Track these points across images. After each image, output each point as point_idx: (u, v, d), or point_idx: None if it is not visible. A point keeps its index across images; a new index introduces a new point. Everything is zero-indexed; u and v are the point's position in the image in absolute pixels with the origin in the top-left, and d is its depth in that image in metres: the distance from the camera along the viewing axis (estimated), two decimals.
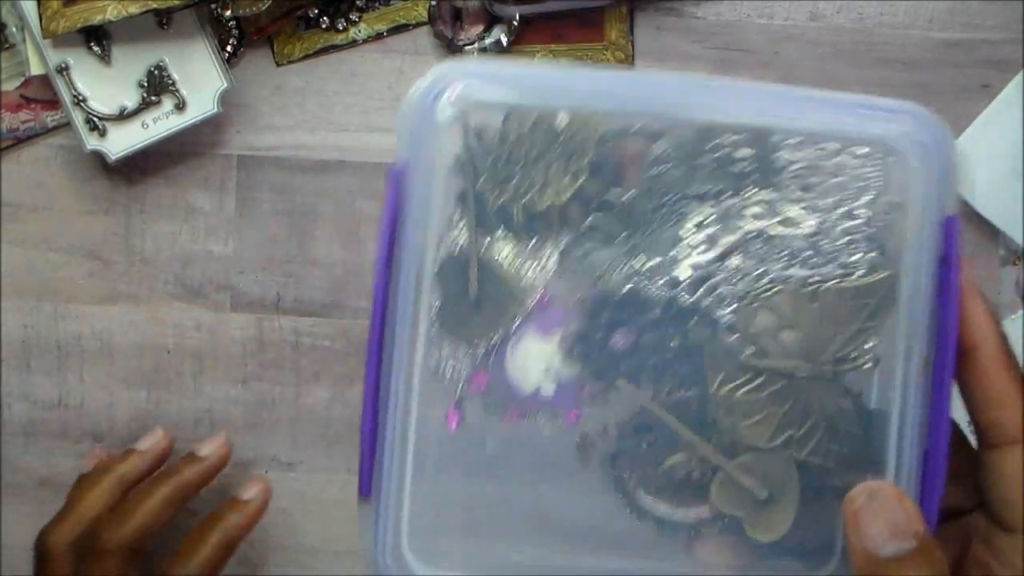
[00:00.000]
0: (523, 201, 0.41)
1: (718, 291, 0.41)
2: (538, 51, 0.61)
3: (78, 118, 0.59)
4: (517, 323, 0.41)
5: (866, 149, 0.41)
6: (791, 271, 0.41)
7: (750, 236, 0.41)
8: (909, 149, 0.41)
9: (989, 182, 0.61)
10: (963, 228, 0.62)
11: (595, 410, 0.42)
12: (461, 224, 0.41)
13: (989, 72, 0.61)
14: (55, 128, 0.61)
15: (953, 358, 0.39)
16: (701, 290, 0.41)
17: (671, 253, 0.41)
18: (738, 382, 0.41)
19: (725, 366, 0.41)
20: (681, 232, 0.41)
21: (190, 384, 0.62)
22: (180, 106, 0.59)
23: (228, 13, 0.59)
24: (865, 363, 0.41)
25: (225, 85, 0.59)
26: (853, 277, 0.41)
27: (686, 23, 0.61)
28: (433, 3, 0.61)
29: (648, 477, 0.42)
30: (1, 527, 0.62)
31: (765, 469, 0.41)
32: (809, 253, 0.41)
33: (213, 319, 0.62)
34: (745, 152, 0.41)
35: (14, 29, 0.59)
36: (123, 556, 0.55)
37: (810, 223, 0.41)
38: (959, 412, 0.39)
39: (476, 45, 0.60)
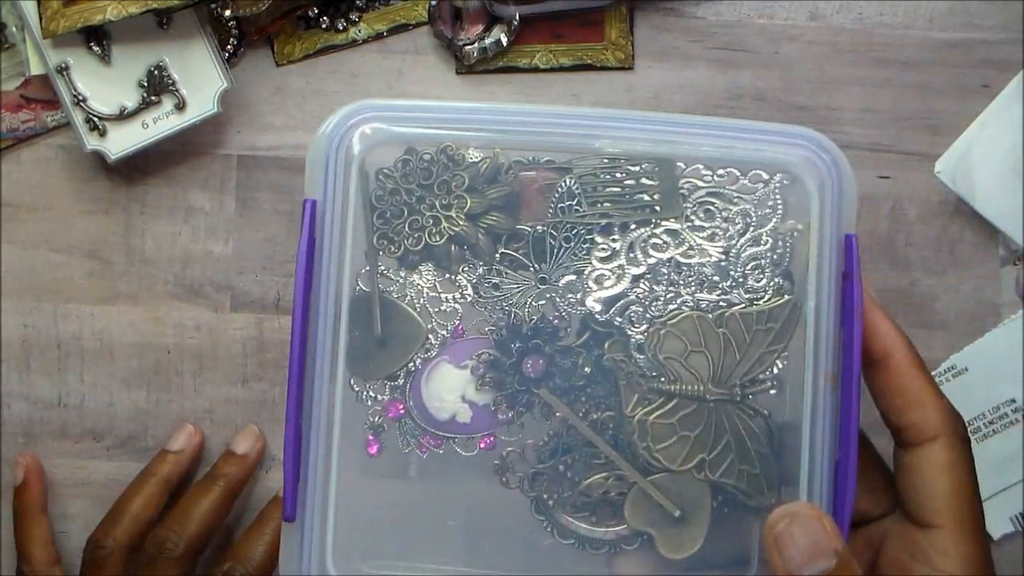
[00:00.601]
0: (432, 234, 0.43)
1: (629, 317, 0.43)
2: (538, 51, 0.61)
3: (78, 118, 0.59)
4: (430, 353, 0.43)
5: (764, 175, 0.43)
6: (700, 296, 0.43)
7: (658, 264, 0.43)
8: (805, 173, 0.42)
9: (989, 182, 0.61)
10: (963, 228, 0.62)
11: (511, 435, 0.43)
12: (367, 265, 0.42)
13: (989, 72, 0.61)
14: (55, 128, 0.61)
15: (859, 370, 0.40)
16: (612, 316, 0.43)
17: (581, 282, 0.43)
18: (651, 406, 0.43)
19: (638, 390, 0.43)
20: (591, 261, 0.43)
21: (190, 384, 0.62)
22: (180, 106, 0.59)
23: (228, 13, 0.59)
24: (770, 387, 0.43)
25: (225, 85, 0.59)
26: (760, 302, 0.43)
27: (686, 23, 0.61)
28: (433, 3, 0.61)
29: (567, 497, 0.43)
30: (1, 527, 0.62)
31: (679, 488, 0.43)
32: (716, 279, 0.43)
33: (213, 319, 0.62)
34: (649, 182, 0.43)
35: (14, 29, 0.59)
36: (187, 559, 0.56)
37: (717, 250, 0.43)
38: None
39: (476, 45, 0.60)
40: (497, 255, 0.43)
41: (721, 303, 0.43)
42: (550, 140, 0.42)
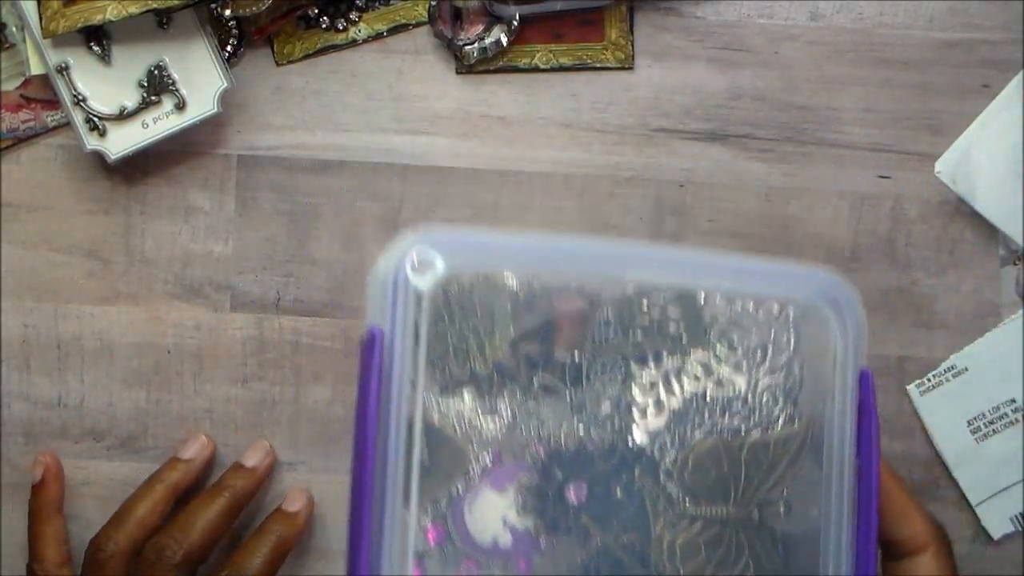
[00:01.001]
0: (473, 361, 0.44)
1: (658, 443, 0.44)
2: (538, 51, 0.61)
3: (78, 118, 0.59)
4: (472, 478, 0.44)
5: (779, 308, 0.45)
6: (723, 423, 0.44)
7: (686, 394, 0.45)
8: (818, 309, 0.44)
9: (989, 182, 0.61)
10: (963, 228, 0.62)
11: (549, 558, 0.44)
12: (417, 388, 0.42)
13: (989, 72, 0.61)
14: (55, 128, 0.61)
15: (876, 500, 0.42)
16: (643, 442, 0.44)
17: (615, 409, 0.44)
18: (678, 528, 0.44)
19: (665, 512, 0.44)
20: (624, 389, 0.44)
21: (190, 384, 0.62)
22: (180, 106, 0.59)
23: (228, 13, 0.59)
24: (785, 510, 0.44)
25: (225, 85, 0.59)
26: (777, 429, 0.44)
27: (686, 23, 0.61)
28: (433, 3, 0.61)
29: None
30: (1, 527, 0.62)
31: None
32: (738, 406, 0.44)
33: (213, 319, 0.62)
34: (675, 312, 0.44)
35: (14, 29, 0.59)
36: (185, 567, 0.56)
37: (739, 380, 0.45)
38: None
39: (476, 45, 0.60)
40: (535, 381, 0.44)
41: (741, 429, 0.44)
42: (583, 270, 0.44)
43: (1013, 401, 0.62)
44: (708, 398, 0.44)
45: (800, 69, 0.61)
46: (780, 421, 0.45)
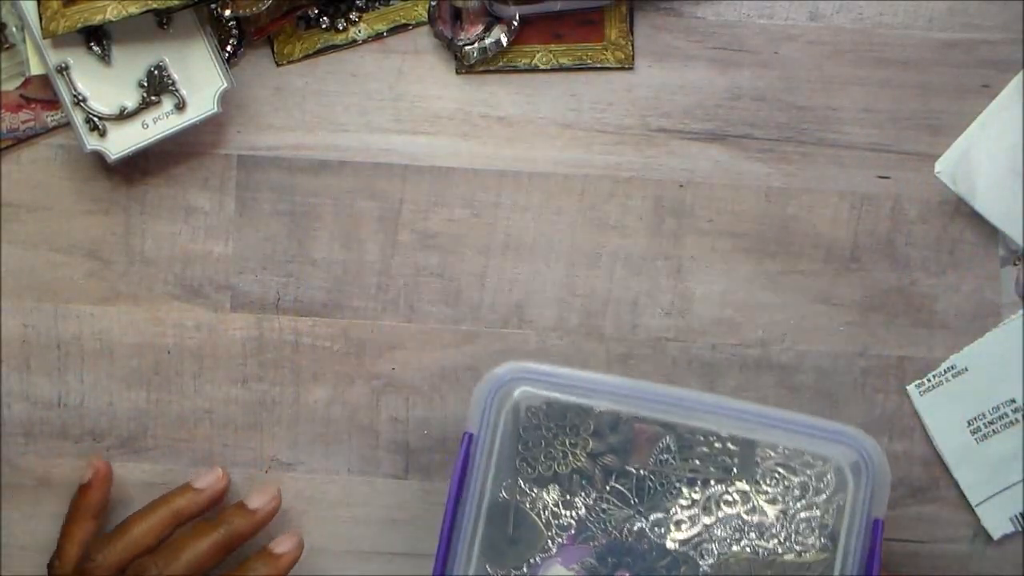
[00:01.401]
0: (560, 464, 0.56)
1: (700, 551, 0.55)
2: (538, 51, 0.61)
3: (78, 118, 0.59)
4: (548, 553, 0.55)
5: (821, 458, 0.55)
6: (757, 543, 0.55)
7: (727, 516, 0.55)
8: (850, 464, 0.54)
9: (989, 182, 0.61)
10: (963, 228, 0.63)
11: None
12: (509, 479, 0.55)
13: (989, 72, 0.61)
14: (55, 128, 0.61)
15: None
16: (688, 548, 0.55)
17: (667, 519, 0.55)
18: None
19: None
20: (676, 504, 0.55)
21: (190, 384, 0.62)
22: (180, 106, 0.59)
23: (228, 13, 0.59)
24: None
25: (225, 85, 0.59)
26: (803, 555, 0.55)
27: (686, 23, 0.61)
28: (433, 3, 0.61)
29: None
30: (1, 527, 0.62)
31: None
32: (773, 531, 0.55)
33: (213, 319, 0.62)
34: (732, 449, 0.56)
35: (14, 29, 0.59)
36: None
37: (775, 510, 0.55)
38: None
39: (476, 45, 0.60)
40: (607, 487, 0.56)
41: (774, 551, 0.55)
42: (659, 410, 0.55)
43: (1013, 401, 0.62)
44: (747, 520, 0.55)
45: (800, 69, 0.61)
46: (809, 549, 0.55)
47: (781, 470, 0.56)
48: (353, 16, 0.61)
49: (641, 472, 0.56)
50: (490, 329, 0.62)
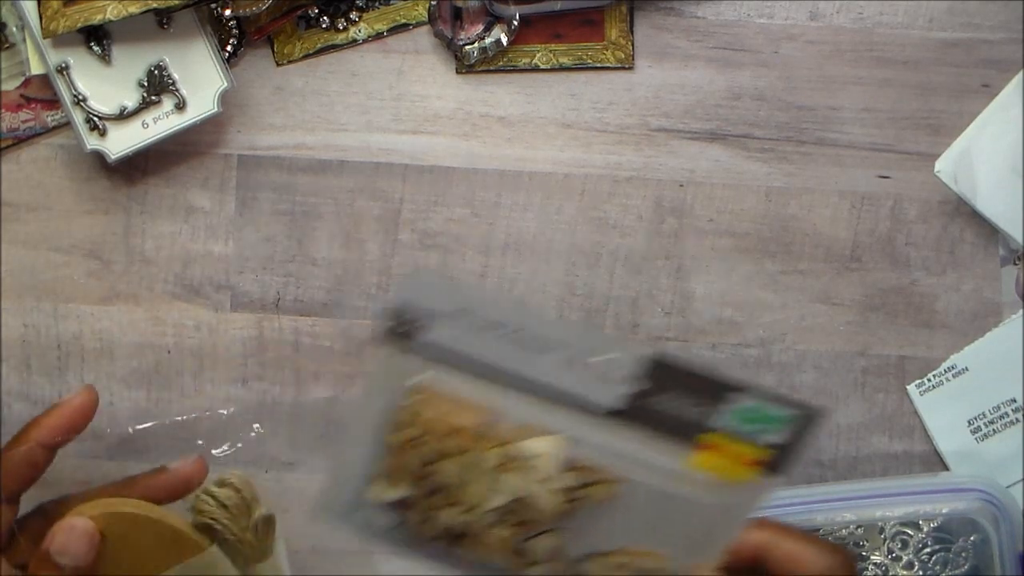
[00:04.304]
0: None
1: None
2: (538, 51, 0.61)
3: (78, 118, 0.59)
4: None
5: (953, 518, 0.58)
6: None
7: None
8: (984, 513, 0.58)
9: (989, 182, 0.61)
10: (963, 228, 0.62)
11: None
12: None
13: (989, 72, 0.61)
14: (55, 128, 0.61)
15: None
16: None
17: None
18: None
19: None
20: None
21: (190, 384, 0.62)
22: (180, 106, 0.59)
23: (228, 13, 0.59)
24: None
25: (225, 85, 0.59)
26: None
27: (686, 23, 0.61)
28: (433, 3, 0.61)
29: None
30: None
31: None
32: None
33: (213, 319, 0.62)
34: (857, 532, 0.58)
35: (14, 29, 0.59)
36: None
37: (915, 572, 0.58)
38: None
39: (476, 45, 0.60)
40: None
41: None
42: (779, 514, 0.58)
43: (1013, 401, 0.62)
44: None
45: (800, 69, 0.61)
46: None
47: (908, 530, 0.58)
48: (353, 16, 0.61)
49: None
50: None
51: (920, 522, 0.59)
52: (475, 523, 0.48)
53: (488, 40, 0.61)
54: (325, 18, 0.61)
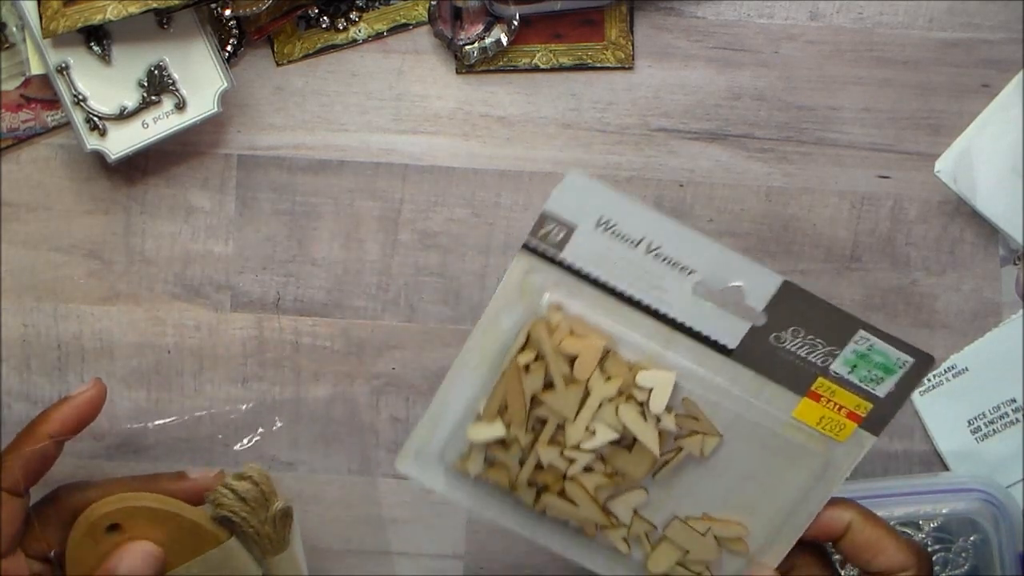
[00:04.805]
0: None
1: None
2: (538, 51, 0.61)
3: (78, 118, 0.59)
4: None
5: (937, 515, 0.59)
6: None
7: None
8: (983, 513, 0.58)
9: (989, 182, 0.61)
10: (963, 228, 0.62)
11: None
12: None
13: (989, 72, 0.61)
14: (55, 128, 0.61)
15: None
16: None
17: None
18: None
19: None
20: None
21: (190, 384, 0.62)
22: (180, 106, 0.59)
23: (228, 13, 0.59)
24: None
25: (225, 85, 0.59)
26: None
27: (686, 23, 0.61)
28: (433, 3, 0.61)
29: None
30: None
31: None
32: None
33: (213, 319, 0.62)
34: None
35: (14, 29, 0.59)
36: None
37: None
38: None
39: (476, 45, 0.60)
40: None
41: None
42: None
43: (1013, 401, 0.62)
44: None
45: (800, 69, 0.61)
46: None
47: (908, 530, 0.59)
48: (353, 16, 0.61)
49: None
50: None
51: (920, 522, 0.59)
52: (569, 469, 0.48)
53: (488, 40, 0.61)
54: (325, 18, 0.61)
